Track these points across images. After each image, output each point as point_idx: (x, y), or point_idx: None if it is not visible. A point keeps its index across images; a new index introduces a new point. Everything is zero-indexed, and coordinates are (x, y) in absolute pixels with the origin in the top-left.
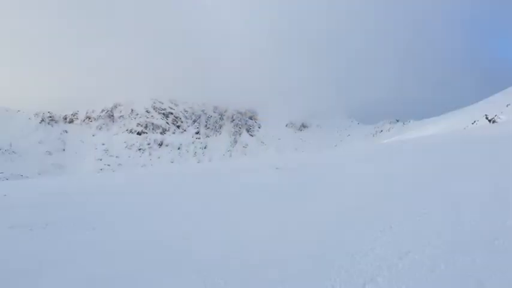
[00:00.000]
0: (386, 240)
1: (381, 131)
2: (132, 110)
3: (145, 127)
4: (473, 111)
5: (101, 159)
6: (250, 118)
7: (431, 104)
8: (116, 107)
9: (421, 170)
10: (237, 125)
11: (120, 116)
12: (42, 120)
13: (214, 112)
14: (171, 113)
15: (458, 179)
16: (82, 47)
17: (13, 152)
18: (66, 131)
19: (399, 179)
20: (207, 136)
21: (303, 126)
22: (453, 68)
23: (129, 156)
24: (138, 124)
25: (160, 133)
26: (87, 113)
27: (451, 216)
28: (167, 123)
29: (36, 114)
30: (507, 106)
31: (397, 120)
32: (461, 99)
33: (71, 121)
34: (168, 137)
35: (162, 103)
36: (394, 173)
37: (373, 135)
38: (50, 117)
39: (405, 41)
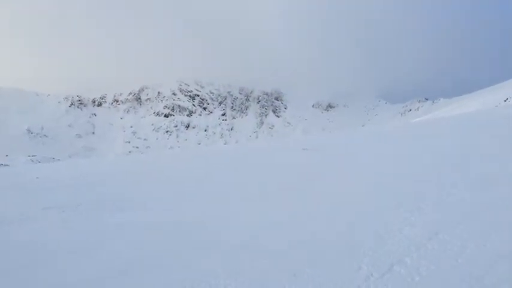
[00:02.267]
0: (414, 221)
1: (410, 110)
2: (158, 93)
3: (172, 109)
4: (506, 88)
5: (129, 142)
6: (276, 99)
7: (461, 82)
8: (142, 89)
9: (450, 149)
10: (263, 106)
11: (147, 99)
12: (72, 104)
13: (240, 93)
14: (197, 95)
15: (490, 158)
16: (108, 31)
17: (44, 135)
18: (95, 114)
19: (428, 158)
20: (233, 118)
21: (330, 106)
22: (485, 45)
23: (157, 139)
24: (165, 107)
25: (187, 115)
26: (114, 96)
27: (482, 197)
28: (193, 105)
29: (65, 98)
30: None
31: (426, 99)
32: (492, 76)
33: (100, 104)
34: (195, 119)
35: (188, 85)
36: (422, 152)
37: (402, 115)
38: (79, 100)
39: (434, 17)
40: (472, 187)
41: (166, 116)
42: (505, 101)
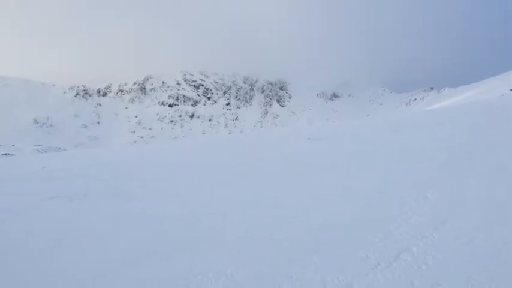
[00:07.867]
0: (421, 210)
1: (415, 99)
2: (163, 83)
3: (177, 99)
4: (511, 77)
5: (134, 132)
6: (281, 88)
7: (466, 71)
8: (147, 79)
9: (459, 140)
10: (267, 95)
11: (152, 89)
12: (77, 93)
13: (244, 83)
14: (202, 85)
15: (499, 148)
16: (112, 22)
17: (50, 125)
18: (100, 104)
19: (436, 148)
20: (238, 107)
21: (334, 96)
22: (491, 34)
23: (162, 128)
24: (170, 96)
25: (192, 105)
26: (119, 86)
27: (489, 187)
28: (198, 95)
29: (71, 87)
30: None
31: (432, 88)
32: (497, 66)
33: (104, 94)
34: (199, 109)
35: (193, 75)
36: (431, 143)
37: (407, 104)
38: (84, 90)
39: (440, 6)
40: (480, 177)
41: (170, 105)
42: (510, 90)
